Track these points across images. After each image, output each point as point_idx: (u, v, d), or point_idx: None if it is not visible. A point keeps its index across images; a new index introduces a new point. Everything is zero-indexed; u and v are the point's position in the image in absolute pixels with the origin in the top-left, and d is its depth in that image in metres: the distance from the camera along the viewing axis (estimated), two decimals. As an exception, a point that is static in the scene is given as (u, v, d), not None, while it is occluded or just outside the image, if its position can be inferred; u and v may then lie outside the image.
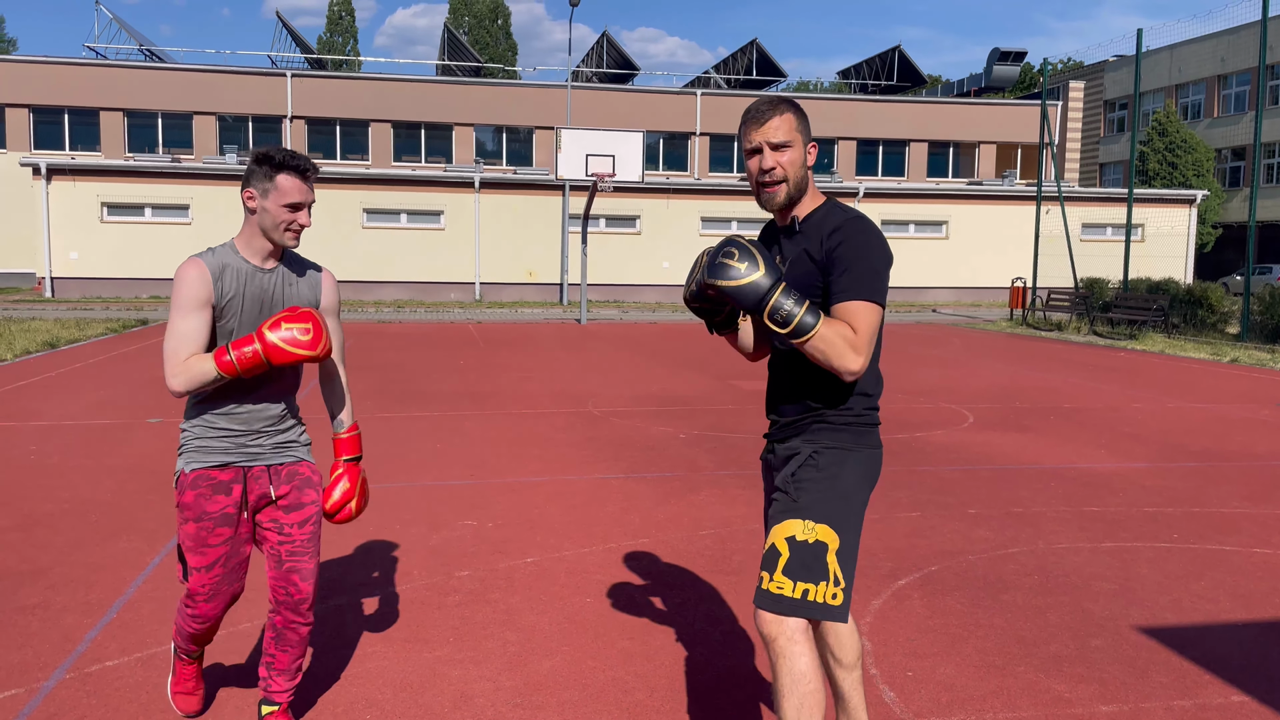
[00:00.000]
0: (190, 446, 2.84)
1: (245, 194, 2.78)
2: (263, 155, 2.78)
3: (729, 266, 2.37)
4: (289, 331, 2.70)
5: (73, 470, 6.76)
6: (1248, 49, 39.88)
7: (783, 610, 2.41)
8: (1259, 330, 18.43)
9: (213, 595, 2.89)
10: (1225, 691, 3.48)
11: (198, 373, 2.70)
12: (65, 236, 27.51)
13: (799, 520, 2.46)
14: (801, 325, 2.34)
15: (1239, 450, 7.96)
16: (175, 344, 2.73)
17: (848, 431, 2.53)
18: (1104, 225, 32.21)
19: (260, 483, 2.90)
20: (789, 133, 2.50)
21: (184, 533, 2.85)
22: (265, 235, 2.82)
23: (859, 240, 2.42)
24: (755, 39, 41.89)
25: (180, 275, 2.76)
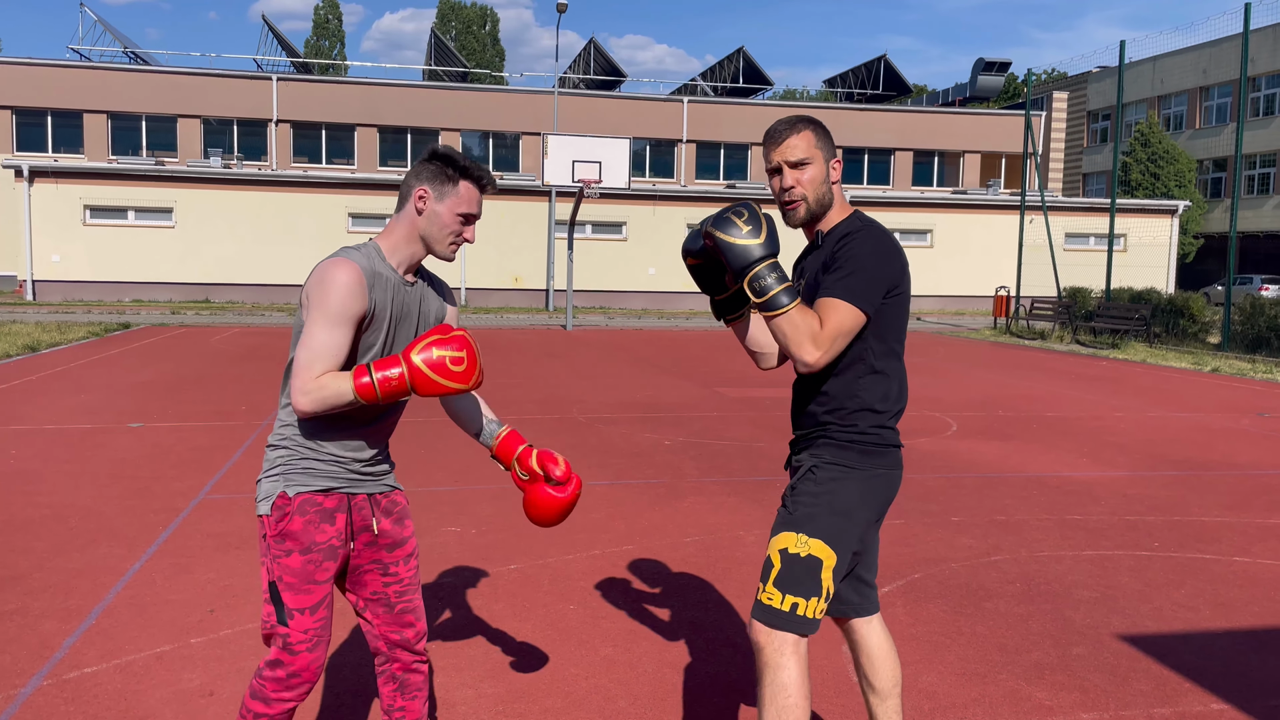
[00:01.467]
0: (294, 468, 2.44)
1: (417, 192, 2.45)
2: (447, 156, 2.48)
3: (733, 223, 2.39)
4: (440, 359, 2.34)
5: (53, 475, 6.71)
6: (1229, 61, 40.27)
7: (770, 622, 2.40)
8: (1240, 340, 18.58)
9: (316, 643, 2.45)
10: (1205, 699, 3.50)
11: (331, 393, 2.32)
12: (47, 239, 27.32)
13: (792, 533, 2.45)
14: (774, 301, 2.35)
15: (1220, 459, 8.02)
16: (311, 356, 2.33)
17: (853, 449, 2.49)
18: (1087, 235, 32.43)
19: (363, 513, 2.53)
20: (807, 150, 2.51)
21: (284, 567, 2.41)
22: (425, 242, 2.48)
23: (858, 244, 2.44)
24: (742, 47, 42.04)
25: (331, 277, 2.35)
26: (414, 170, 2.50)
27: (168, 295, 28.06)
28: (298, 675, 2.43)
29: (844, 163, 15.17)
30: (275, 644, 2.43)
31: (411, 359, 2.33)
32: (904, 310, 2.53)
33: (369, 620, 2.60)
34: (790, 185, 2.52)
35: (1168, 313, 20.64)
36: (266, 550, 2.43)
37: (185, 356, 14.67)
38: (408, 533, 2.62)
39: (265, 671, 2.44)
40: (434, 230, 2.47)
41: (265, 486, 2.45)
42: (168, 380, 11.85)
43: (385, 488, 2.58)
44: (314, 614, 2.43)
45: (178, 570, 4.71)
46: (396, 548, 2.59)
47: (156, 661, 3.66)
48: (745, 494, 6.50)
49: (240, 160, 33.99)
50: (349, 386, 2.32)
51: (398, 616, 2.59)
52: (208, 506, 5.95)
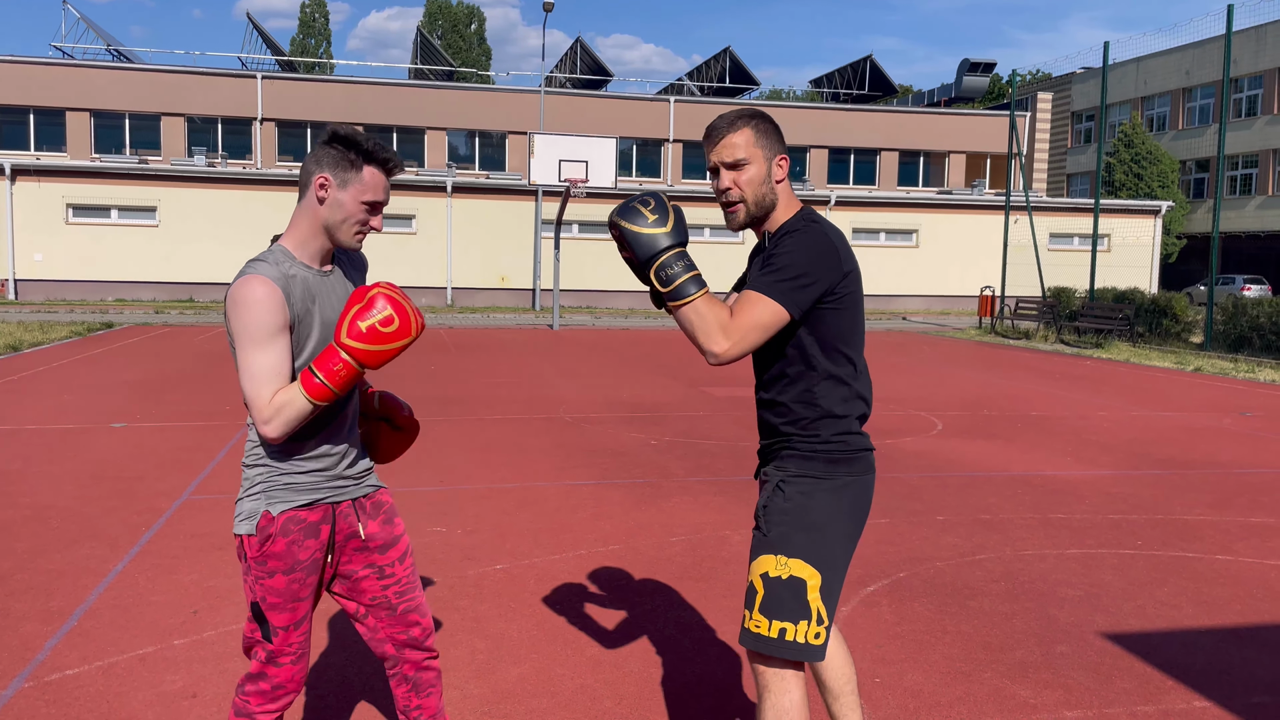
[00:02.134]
0: (275, 484, 2.35)
1: (318, 180, 2.31)
2: (349, 139, 2.32)
3: (638, 212, 2.31)
4: (370, 328, 2.23)
5: (34, 475, 6.66)
6: (1212, 62, 40.56)
7: (761, 649, 2.32)
8: (1222, 340, 18.72)
9: (300, 655, 2.41)
10: (1188, 697, 3.52)
11: (293, 411, 2.23)
12: (29, 238, 27.12)
13: (771, 556, 2.35)
14: (680, 290, 2.26)
15: (1202, 458, 8.07)
16: (258, 386, 2.23)
17: (818, 459, 2.38)
18: (1071, 235, 32.61)
19: (348, 520, 2.45)
20: (745, 149, 2.38)
21: (268, 588, 2.35)
22: (329, 233, 2.35)
23: (793, 242, 2.32)
24: (729, 47, 42.08)
25: (244, 298, 2.23)
26: (313, 155, 2.34)
27: (151, 295, 27.89)
28: (282, 687, 2.40)
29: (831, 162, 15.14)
30: (258, 657, 2.39)
31: (345, 342, 2.24)
32: (853, 313, 2.39)
33: (371, 626, 2.53)
34: (727, 187, 2.41)
35: (1151, 312, 20.77)
36: (248, 570, 2.36)
37: (169, 356, 14.58)
38: (398, 531, 2.55)
39: (248, 686, 2.39)
40: (337, 220, 2.33)
41: (246, 506, 2.36)
42: (151, 380, 11.77)
43: (368, 489, 2.51)
44: (297, 629, 2.39)
45: (161, 571, 4.68)
46: (389, 548, 2.52)
47: (139, 663, 3.64)
48: (731, 493, 6.51)
49: (224, 159, 33.82)
50: (303, 398, 2.24)
51: (402, 617, 2.53)
52: (191, 507, 5.91)
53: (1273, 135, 39.19)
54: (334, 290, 2.40)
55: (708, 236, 31.01)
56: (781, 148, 2.45)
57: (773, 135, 2.43)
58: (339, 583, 2.51)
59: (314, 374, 2.24)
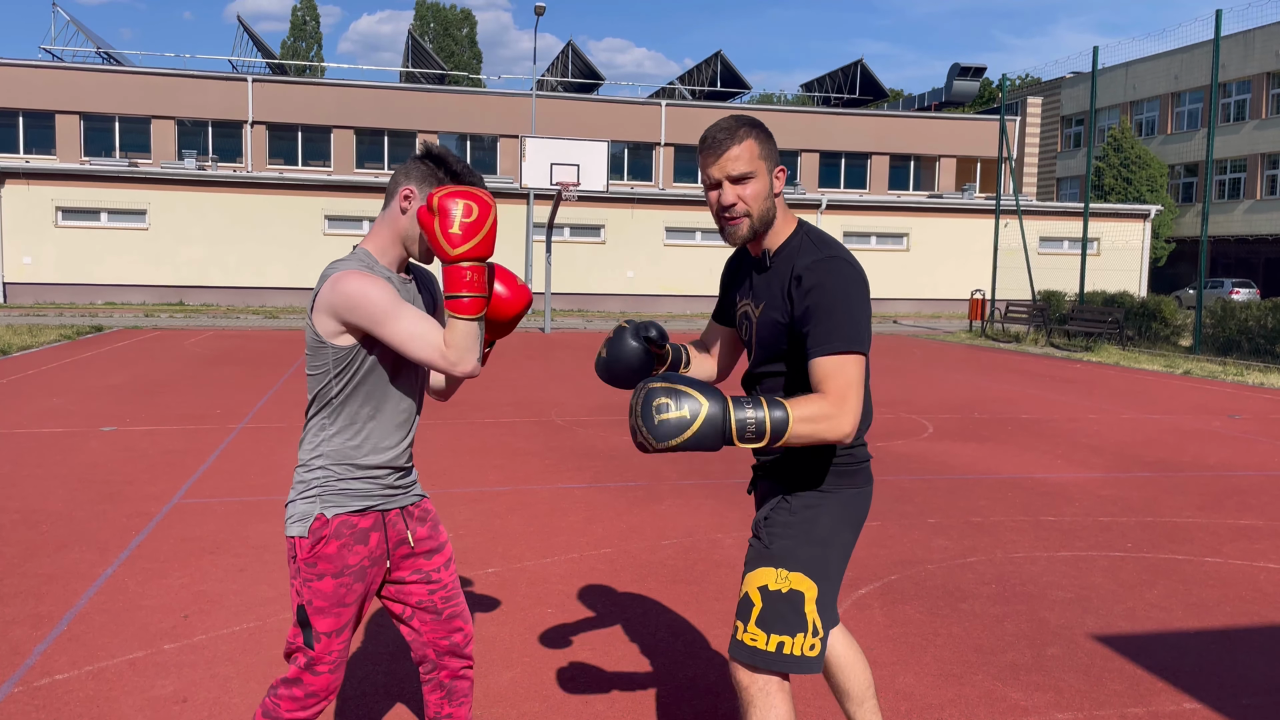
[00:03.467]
0: (332, 489, 2.37)
1: (403, 191, 2.34)
2: (440, 158, 2.35)
3: (670, 421, 2.07)
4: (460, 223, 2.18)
5: (23, 479, 6.63)
6: (1200, 67, 40.77)
7: (757, 663, 2.27)
8: (1211, 343, 18.81)
9: (338, 664, 2.42)
10: (1178, 699, 3.54)
11: (466, 340, 2.21)
12: (19, 241, 26.99)
13: (771, 569, 2.30)
14: (775, 429, 2.10)
15: (1191, 461, 8.11)
16: (426, 339, 2.22)
17: (827, 473, 2.35)
18: (1061, 239, 32.73)
19: (397, 528, 2.48)
20: (750, 162, 2.28)
21: (315, 591, 2.36)
22: (405, 244, 2.38)
23: (833, 285, 2.20)
24: (720, 51, 42.14)
25: (358, 287, 2.24)
26: (404, 167, 2.38)
27: (141, 298, 27.79)
28: (315, 695, 2.40)
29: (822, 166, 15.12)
30: (296, 662, 2.39)
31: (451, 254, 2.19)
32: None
33: (416, 629, 2.55)
34: (732, 202, 2.29)
35: (1140, 316, 20.86)
36: (297, 573, 2.37)
37: (159, 360, 14.53)
38: (443, 538, 2.59)
39: (281, 690, 2.40)
40: (415, 233, 2.36)
41: (300, 508, 2.37)
42: (141, 383, 11.73)
43: (415, 497, 2.55)
44: (339, 636, 2.40)
45: (151, 575, 4.66)
46: (435, 554, 2.55)
47: (129, 668, 3.62)
48: (723, 497, 6.52)
49: (215, 162, 33.72)
50: (462, 322, 2.21)
51: (446, 622, 2.56)
52: (181, 511, 5.89)
53: (1261, 139, 39.42)
54: (413, 299, 2.44)
55: (699, 240, 31.05)
56: (779, 158, 2.37)
57: (773, 145, 2.35)
58: (389, 587, 2.53)
59: (455, 298, 2.20)
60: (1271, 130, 38.89)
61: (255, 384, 11.88)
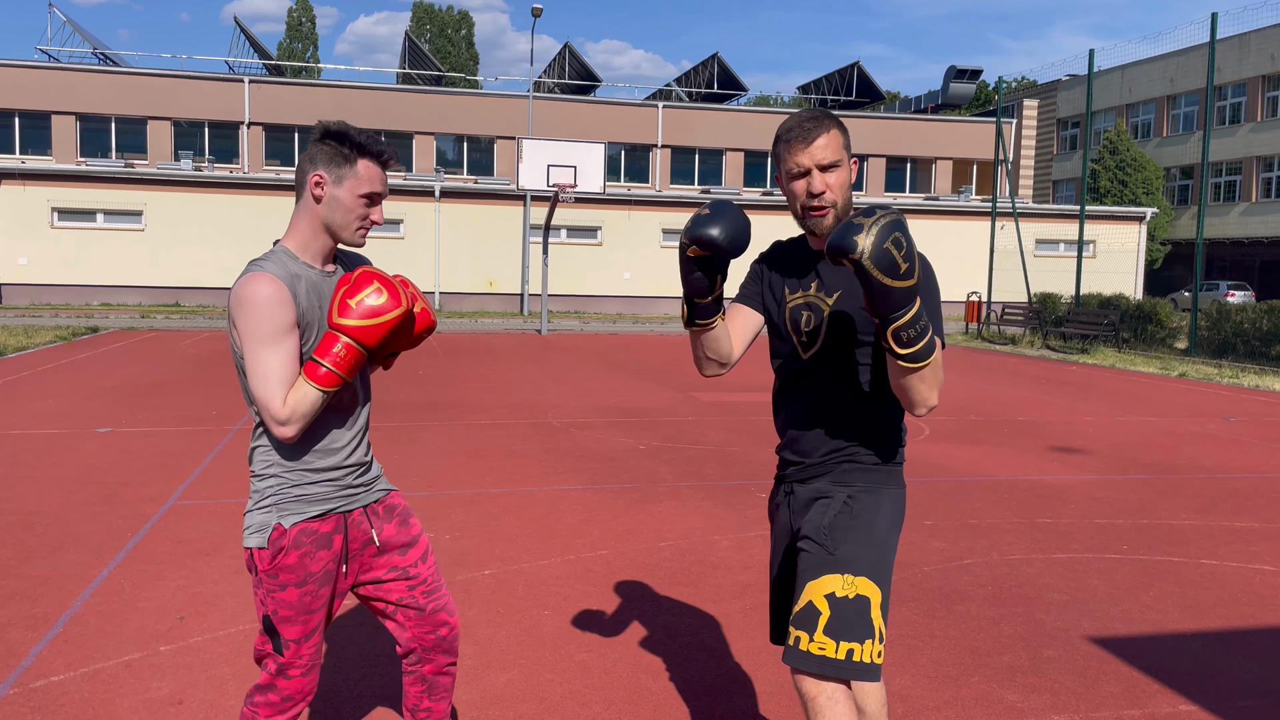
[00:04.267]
0: (287, 495, 2.32)
1: (312, 178, 2.28)
2: (339, 133, 2.28)
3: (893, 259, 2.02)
4: (360, 303, 2.22)
5: (19, 481, 6.61)
6: (1196, 70, 40.87)
7: (827, 672, 2.22)
8: (1206, 345, 18.84)
9: (310, 667, 2.39)
10: (1174, 700, 3.54)
11: (305, 407, 2.22)
12: (14, 242, 26.95)
13: (837, 575, 2.26)
14: (930, 345, 2.12)
15: (1187, 463, 8.12)
16: (271, 387, 2.21)
17: (880, 471, 2.36)
18: (1057, 241, 32.78)
19: (361, 528, 2.43)
20: (837, 151, 2.31)
21: (280, 601, 2.32)
22: (329, 232, 2.32)
23: (925, 280, 2.22)
24: (717, 53, 42.19)
25: (250, 296, 2.20)
26: (306, 154, 2.32)
27: (137, 299, 27.75)
28: (291, 699, 2.38)
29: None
30: (268, 668, 2.37)
31: (339, 323, 2.21)
32: None
33: (400, 623, 2.52)
34: (821, 190, 2.30)
35: (1136, 318, 20.89)
36: (259, 584, 2.34)
37: (155, 361, 14.51)
38: (415, 531, 2.54)
39: (257, 697, 2.37)
40: (337, 217, 2.30)
41: (256, 519, 2.32)
42: (137, 385, 11.71)
43: (379, 493, 2.50)
44: (309, 641, 2.37)
45: (147, 577, 4.66)
46: (409, 548, 2.51)
47: (125, 670, 3.62)
48: (720, 499, 6.52)
49: (211, 163, 33.70)
50: (313, 390, 2.22)
51: (430, 617, 2.52)
52: (177, 512, 5.89)
53: (1256, 142, 39.52)
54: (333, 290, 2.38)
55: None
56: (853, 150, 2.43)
57: (849, 137, 2.40)
58: (366, 588, 2.50)
59: (318, 363, 2.22)
60: (1267, 133, 38.99)
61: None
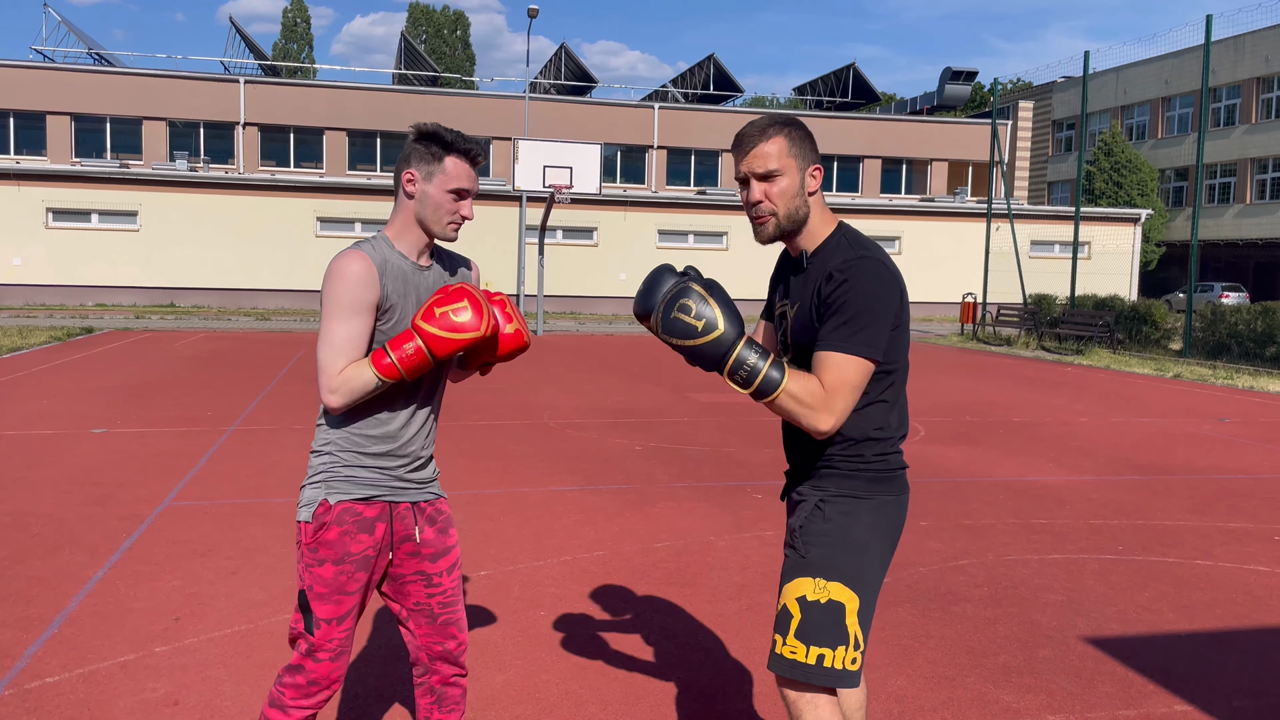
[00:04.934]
0: (338, 475, 2.39)
1: (405, 175, 2.40)
2: (429, 132, 2.39)
3: (682, 322, 2.15)
4: (444, 314, 2.31)
5: (14, 482, 6.60)
6: (1191, 72, 40.96)
7: (797, 677, 2.23)
8: (1201, 346, 18.88)
9: (339, 652, 2.43)
10: (1169, 701, 3.55)
11: (357, 384, 2.31)
12: (9, 242, 26.89)
13: (809, 579, 2.26)
14: (765, 385, 2.13)
15: (1182, 464, 8.14)
16: (333, 354, 2.32)
17: (859, 478, 2.29)
18: (1052, 242, 32.84)
19: (405, 522, 2.48)
20: (778, 159, 2.26)
21: (316, 576, 2.38)
22: (423, 226, 2.42)
23: (857, 284, 2.17)
24: (713, 54, 42.22)
25: (340, 271, 2.32)
26: (403, 152, 2.44)
27: (132, 299, 27.70)
28: (317, 684, 2.41)
29: (814, 170, 14.61)
30: (298, 649, 2.42)
31: (419, 324, 2.31)
32: (904, 337, 2.29)
33: (411, 630, 2.56)
34: (758, 200, 2.28)
35: (1131, 319, 20.93)
36: (301, 557, 2.42)
37: (150, 361, 14.48)
38: (451, 542, 2.58)
39: (285, 678, 2.42)
40: (428, 212, 2.40)
41: (308, 493, 2.41)
42: (132, 385, 11.69)
43: (430, 495, 2.54)
44: (340, 624, 2.41)
45: (142, 578, 4.65)
46: (440, 557, 2.54)
47: (120, 670, 3.61)
48: (716, 499, 6.52)
49: (206, 163, 33.64)
50: (371, 373, 2.31)
51: (441, 628, 2.55)
52: (172, 513, 5.87)
53: (1250, 144, 39.62)
54: (429, 285, 2.48)
55: (691, 243, 31.08)
56: (815, 157, 2.33)
57: (807, 144, 2.31)
58: (387, 583, 2.54)
59: (386, 352, 2.31)
60: (1261, 135, 39.09)
61: (247, 386, 11.85)
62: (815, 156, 2.32)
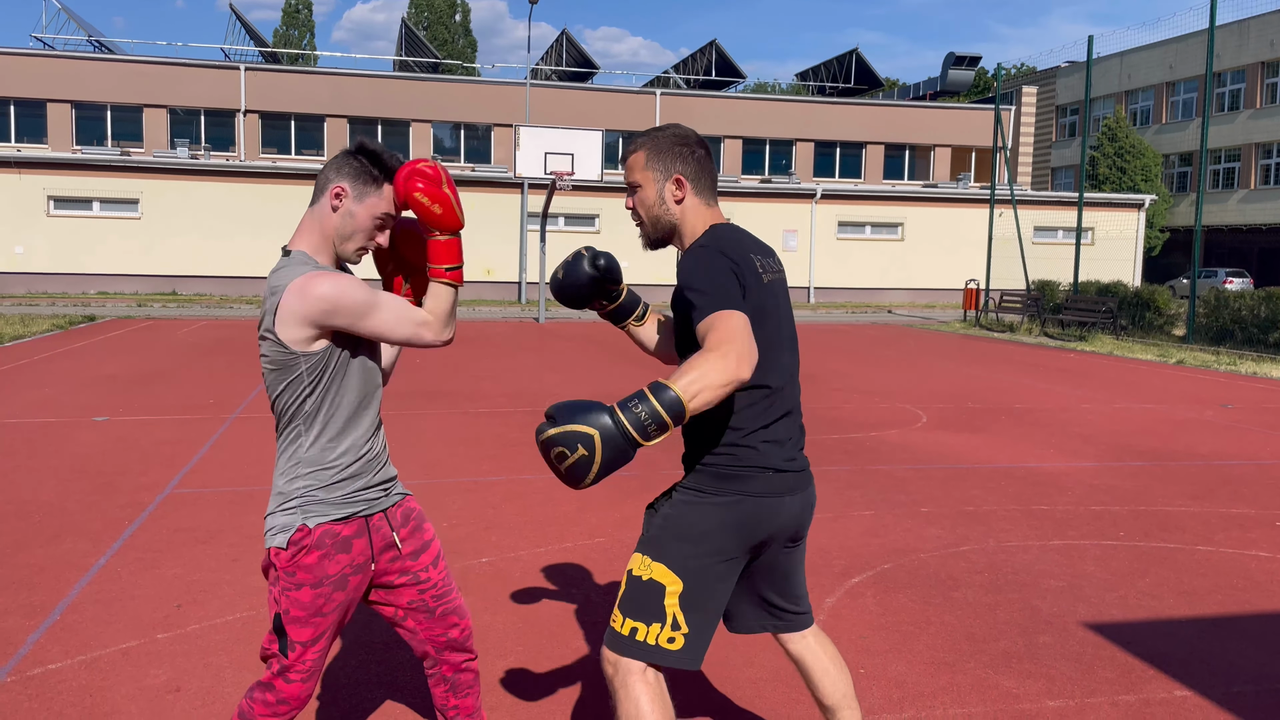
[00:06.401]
0: (313, 498, 2.34)
1: (334, 189, 2.30)
2: (373, 153, 2.31)
3: (576, 465, 2.02)
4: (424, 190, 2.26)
5: (14, 470, 6.61)
6: (1195, 57, 40.77)
7: (610, 646, 2.29)
8: (1204, 333, 18.85)
9: (311, 674, 2.39)
10: (1169, 686, 3.55)
11: (441, 306, 2.30)
12: (10, 230, 26.89)
13: (640, 554, 2.32)
14: (671, 409, 2.01)
15: (1184, 450, 8.13)
16: (405, 316, 2.28)
17: (706, 473, 2.31)
18: (1055, 228, 32.75)
19: (382, 532, 2.45)
20: (636, 171, 2.40)
21: (293, 600, 2.33)
22: (334, 243, 2.34)
23: (684, 269, 2.23)
24: (714, 40, 42.04)
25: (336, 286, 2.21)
26: (334, 163, 2.33)
27: (134, 287, 27.71)
28: (286, 703, 2.40)
29: (817, 155, 15.09)
30: (271, 668, 2.39)
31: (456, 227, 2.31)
32: (763, 326, 2.26)
33: (411, 629, 2.54)
34: (630, 207, 2.45)
35: (1134, 305, 20.89)
36: (276, 580, 2.36)
37: (151, 350, 14.49)
38: (429, 536, 2.56)
39: (256, 694, 2.41)
40: (346, 230, 2.32)
41: (280, 520, 2.34)
42: (133, 374, 11.70)
43: (396, 497, 2.52)
44: (314, 646, 2.38)
45: (144, 566, 4.66)
46: (421, 554, 2.52)
47: (122, 657, 3.62)
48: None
49: (208, 151, 33.59)
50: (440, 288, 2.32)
51: (441, 619, 2.54)
52: (174, 501, 5.89)
53: (1255, 129, 39.46)
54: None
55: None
56: (679, 167, 2.36)
57: (669, 155, 2.36)
58: (376, 592, 2.51)
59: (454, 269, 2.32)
60: (1266, 120, 38.92)
61: (248, 374, 11.86)
62: (679, 167, 2.37)
